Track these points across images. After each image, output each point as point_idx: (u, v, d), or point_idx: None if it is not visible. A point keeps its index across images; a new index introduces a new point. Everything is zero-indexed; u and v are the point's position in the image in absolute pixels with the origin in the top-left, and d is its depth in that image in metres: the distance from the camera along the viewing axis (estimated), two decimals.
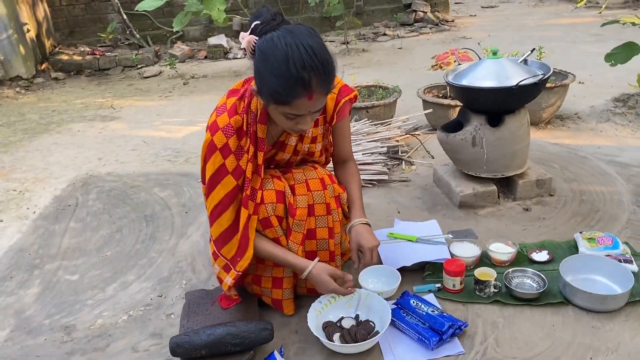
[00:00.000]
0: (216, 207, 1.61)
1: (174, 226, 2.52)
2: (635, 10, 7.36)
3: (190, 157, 3.38)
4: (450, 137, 2.40)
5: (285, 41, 1.37)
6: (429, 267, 2.00)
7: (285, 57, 1.36)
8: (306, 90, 1.40)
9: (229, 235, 1.63)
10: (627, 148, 3.00)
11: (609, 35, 5.89)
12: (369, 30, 7.10)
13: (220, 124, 1.55)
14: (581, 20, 7.03)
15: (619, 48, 3.11)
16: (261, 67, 1.42)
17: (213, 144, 1.56)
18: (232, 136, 1.55)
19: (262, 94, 1.46)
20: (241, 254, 1.63)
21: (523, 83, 2.14)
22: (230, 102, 1.59)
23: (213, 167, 1.58)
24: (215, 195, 1.60)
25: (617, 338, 1.64)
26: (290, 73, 1.37)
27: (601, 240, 2.02)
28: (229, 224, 1.62)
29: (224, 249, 1.64)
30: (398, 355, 1.63)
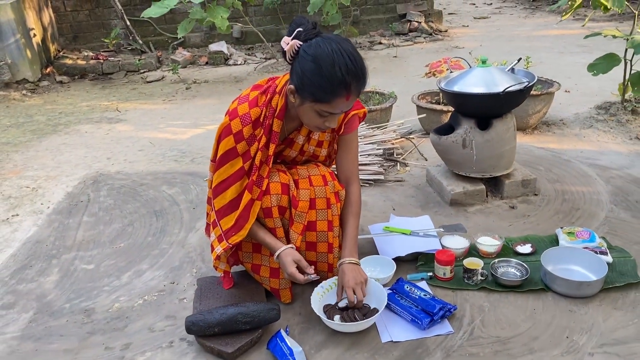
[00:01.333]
0: (222, 182, 1.78)
1: (182, 221, 2.68)
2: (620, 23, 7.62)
3: (195, 157, 3.54)
4: (443, 139, 2.58)
5: (331, 47, 1.57)
6: (421, 258, 2.17)
7: (332, 61, 1.55)
8: (346, 91, 1.60)
9: (229, 210, 1.79)
10: (608, 152, 3.19)
11: (594, 47, 6.13)
12: (365, 39, 7.30)
13: (240, 112, 1.73)
14: (568, 32, 7.25)
15: (601, 59, 3.33)
16: (307, 68, 1.59)
17: (229, 128, 1.74)
18: (247, 125, 1.73)
19: (303, 92, 1.63)
20: (236, 229, 1.78)
21: (509, 90, 2.33)
22: (253, 95, 1.77)
23: (225, 147, 1.75)
24: (223, 172, 1.78)
25: (591, 320, 1.81)
26: (336, 75, 1.56)
27: (579, 234, 2.21)
28: (231, 198, 1.78)
29: (223, 220, 1.80)
30: (393, 334, 1.79)
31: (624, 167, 2.97)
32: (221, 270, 1.97)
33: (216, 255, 1.83)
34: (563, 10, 8.41)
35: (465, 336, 1.77)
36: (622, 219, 2.44)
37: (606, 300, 1.90)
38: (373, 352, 1.73)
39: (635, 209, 2.52)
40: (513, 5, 10.22)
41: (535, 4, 10.04)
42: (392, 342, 1.76)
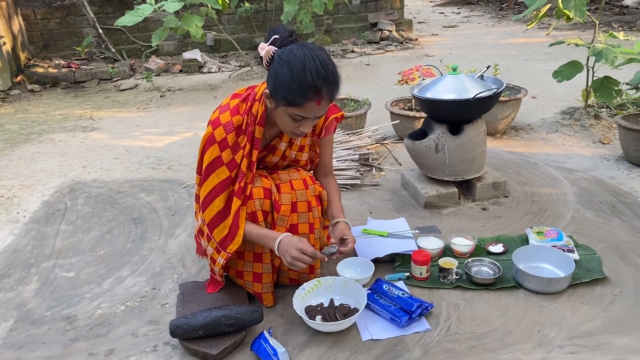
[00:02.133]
0: (209, 193, 1.81)
1: (162, 227, 2.70)
2: (582, 32, 7.89)
3: (172, 164, 3.56)
4: (416, 144, 2.66)
5: (303, 53, 1.63)
6: (398, 259, 2.24)
7: (303, 66, 1.62)
8: (317, 95, 1.65)
9: (219, 220, 1.82)
10: (573, 155, 3.33)
11: (559, 54, 6.35)
12: (338, 48, 7.41)
13: (223, 121, 1.77)
14: (534, 40, 7.49)
15: (564, 66, 3.47)
16: (280, 73, 1.65)
17: (213, 137, 1.77)
18: (231, 132, 1.77)
19: (276, 96, 1.68)
20: (231, 238, 1.82)
21: (479, 96, 2.43)
22: (233, 103, 1.82)
23: (210, 157, 1.79)
24: (209, 183, 1.81)
25: (560, 314, 1.90)
26: (307, 79, 1.62)
27: (548, 234, 2.31)
28: (218, 209, 1.82)
29: (215, 231, 1.84)
30: (373, 332, 1.85)
31: (589, 170, 3.11)
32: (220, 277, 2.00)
33: (220, 266, 1.88)
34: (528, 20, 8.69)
35: (442, 333, 1.85)
36: (588, 218, 2.56)
37: (574, 295, 2.00)
38: (354, 350, 1.78)
39: (599, 209, 2.64)
40: (480, 15, 10.49)
41: (501, 13, 10.33)
42: (372, 340, 1.82)
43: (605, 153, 3.35)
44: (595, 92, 3.39)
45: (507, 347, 1.76)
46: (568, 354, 1.72)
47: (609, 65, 3.14)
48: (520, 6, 10.56)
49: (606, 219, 2.55)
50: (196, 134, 4.19)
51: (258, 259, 1.95)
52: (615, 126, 3.67)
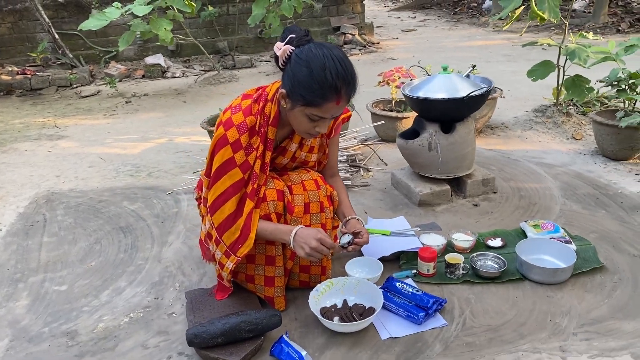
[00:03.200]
0: (220, 196, 1.76)
1: (153, 235, 2.61)
2: (536, 34, 8.22)
3: (152, 171, 3.45)
4: (409, 143, 2.69)
5: (322, 52, 1.61)
6: (403, 257, 2.25)
7: (323, 65, 1.59)
8: (336, 95, 1.63)
9: (230, 223, 1.77)
10: (550, 151, 3.45)
11: (517, 56, 6.59)
12: None
13: (235, 121, 1.72)
14: (492, 42, 7.75)
15: (538, 66, 3.60)
16: (298, 72, 1.62)
17: (225, 138, 1.72)
18: (244, 133, 1.73)
19: (294, 96, 1.65)
20: (242, 241, 1.77)
21: (473, 94, 2.48)
22: (245, 104, 1.77)
23: (221, 159, 1.73)
24: (221, 185, 1.75)
25: (569, 303, 1.96)
26: (327, 79, 1.59)
27: (544, 226, 2.38)
28: (230, 212, 1.76)
29: (225, 235, 1.78)
30: (392, 331, 1.85)
31: (567, 164, 3.23)
32: (228, 283, 1.95)
33: (229, 271, 1.83)
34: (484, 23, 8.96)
35: (459, 327, 1.86)
36: (575, 210, 2.65)
37: (577, 284, 2.07)
38: (375, 349, 1.77)
39: (584, 201, 2.74)
40: (436, 19, 10.76)
41: (456, 17, 10.63)
42: (391, 338, 1.82)
43: (579, 148, 3.48)
44: (567, 89, 3.53)
45: (524, 338, 1.79)
46: (583, 340, 1.77)
47: (582, 63, 3.28)
48: (474, 10, 10.90)
49: (592, 210, 2.65)
50: (171, 140, 4.09)
51: (270, 262, 1.91)
52: (585, 122, 3.83)
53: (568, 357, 1.70)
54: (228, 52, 7.22)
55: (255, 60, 7.13)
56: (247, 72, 6.62)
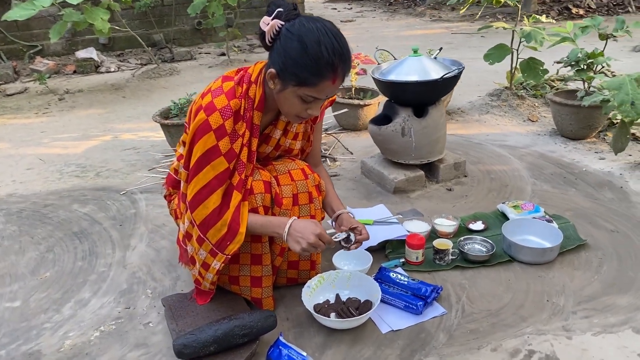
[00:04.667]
0: (203, 189, 1.57)
1: (112, 240, 2.38)
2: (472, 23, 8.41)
3: (100, 171, 3.18)
4: (382, 129, 2.60)
5: (315, 26, 1.46)
6: (389, 245, 2.16)
7: (318, 41, 1.44)
8: (333, 73, 1.49)
9: (215, 219, 1.59)
10: (510, 134, 3.49)
11: (458, 44, 6.71)
12: (243, 42, 7.19)
13: (218, 105, 1.55)
14: (432, 31, 7.85)
15: (493, 49, 3.62)
16: (291, 48, 1.46)
17: (207, 124, 1.54)
18: (229, 118, 1.55)
19: (286, 75, 1.50)
20: (231, 237, 1.60)
21: (447, 76, 2.42)
22: (227, 86, 1.60)
23: (204, 147, 1.55)
24: (203, 177, 1.57)
25: (561, 282, 1.94)
26: (323, 56, 1.45)
27: (524, 207, 2.36)
28: (214, 206, 1.59)
29: (210, 232, 1.61)
30: (391, 323, 1.75)
31: (529, 146, 3.26)
32: (206, 288, 1.78)
33: (215, 271, 1.66)
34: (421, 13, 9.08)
35: (459, 314, 1.80)
36: (546, 190, 2.67)
37: (564, 263, 2.06)
38: (377, 344, 1.67)
39: (553, 180, 2.77)
40: (372, 9, 10.80)
41: (392, 8, 10.72)
42: (392, 331, 1.72)
43: (537, 130, 3.54)
44: (523, 72, 3.57)
45: (526, 320, 1.75)
46: (583, 318, 1.75)
47: (537, 46, 3.32)
48: (409, 1, 11.03)
49: (563, 189, 2.67)
50: (116, 137, 3.80)
51: (257, 261, 1.76)
52: (538, 105, 3.90)
53: (573, 337, 1.67)
54: (165, 45, 6.88)
55: (195, 53, 6.84)
56: (187, 64, 6.33)
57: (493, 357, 1.60)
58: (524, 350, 1.62)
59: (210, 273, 1.69)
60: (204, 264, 1.69)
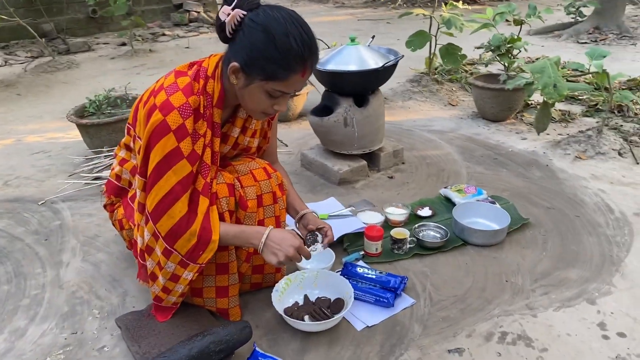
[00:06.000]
0: (166, 197, 1.43)
1: (40, 257, 2.13)
2: (375, 10, 8.59)
3: (8, 179, 2.84)
4: (325, 120, 2.55)
5: (281, 16, 1.36)
6: (346, 239, 2.13)
7: (286, 32, 1.35)
8: (302, 66, 1.40)
9: (182, 228, 1.46)
10: (435, 119, 3.59)
11: (367, 30, 6.80)
12: (144, 31, 6.78)
13: (176, 103, 1.40)
14: (338, 18, 7.91)
15: (414, 36, 3.69)
16: (257, 40, 1.35)
17: (165, 125, 1.39)
18: (189, 117, 1.42)
19: (251, 69, 1.39)
20: (203, 246, 1.48)
21: (388, 64, 2.42)
22: (183, 82, 1.45)
23: (162, 151, 1.41)
24: (164, 184, 1.43)
25: (514, 261, 2.02)
26: (292, 48, 1.36)
27: (467, 190, 2.43)
28: (181, 215, 1.45)
29: (178, 243, 1.47)
30: (364, 319, 1.72)
31: (455, 130, 3.37)
32: (170, 303, 1.63)
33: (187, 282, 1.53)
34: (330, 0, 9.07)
35: (427, 303, 1.81)
36: (480, 172, 2.77)
37: (513, 243, 2.14)
38: (356, 343, 1.63)
39: (484, 162, 2.88)
40: None
41: None
42: (367, 327, 1.69)
43: (459, 113, 3.67)
44: (442, 58, 3.68)
45: (491, 303, 1.80)
46: (542, 295, 1.83)
47: (456, 31, 3.43)
48: None
49: (495, 170, 2.79)
50: (20, 140, 3.42)
51: (223, 270, 1.64)
52: (455, 89, 4.05)
53: (538, 314, 1.74)
54: (57, 35, 6.30)
55: (92, 43, 6.34)
56: (85, 56, 5.85)
57: (470, 343, 1.62)
58: (496, 332, 1.66)
59: (181, 284, 1.55)
60: (173, 276, 1.54)
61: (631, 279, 1.91)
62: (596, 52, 2.76)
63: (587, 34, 5.95)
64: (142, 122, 1.47)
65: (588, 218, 2.31)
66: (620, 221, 2.27)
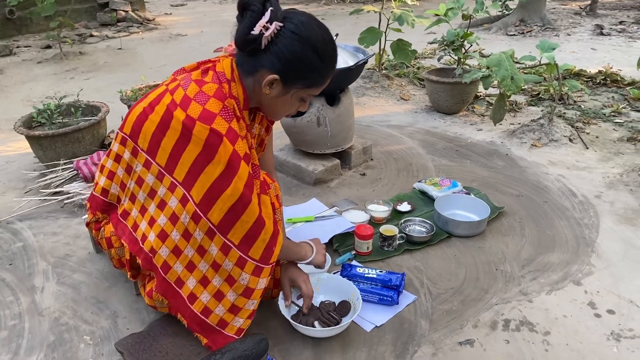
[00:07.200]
0: (237, 204, 1.36)
1: (7, 283, 1.96)
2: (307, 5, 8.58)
3: None
4: (298, 121, 2.53)
5: (314, 24, 1.37)
6: (336, 239, 2.13)
7: (323, 40, 1.37)
8: (334, 70, 1.46)
9: (255, 233, 1.40)
10: (392, 114, 3.65)
11: None
12: (70, 33, 6.38)
13: (214, 109, 1.34)
14: None
15: (366, 32, 3.73)
16: (301, 52, 1.33)
17: (216, 134, 1.31)
18: (232, 119, 1.36)
19: (292, 79, 1.37)
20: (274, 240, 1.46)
21: (360, 63, 2.42)
22: (210, 88, 1.37)
23: (223, 160, 1.32)
24: (232, 192, 1.35)
25: (499, 250, 2.10)
26: (330, 55, 1.40)
27: (442, 183, 2.49)
28: (255, 217, 1.39)
29: (252, 250, 1.42)
30: (372, 319, 1.73)
31: (413, 124, 3.45)
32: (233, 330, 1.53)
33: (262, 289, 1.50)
34: None
35: (428, 297, 1.84)
36: (446, 164, 2.85)
37: (493, 231, 2.22)
38: (369, 344, 1.64)
39: (448, 155, 2.97)
40: None
41: None
42: (376, 327, 1.70)
43: (412, 108, 3.75)
44: (394, 54, 3.74)
45: (488, 292, 1.86)
46: (532, 281, 1.91)
47: (409, 27, 3.50)
48: None
49: (460, 162, 2.88)
50: None
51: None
52: (405, 84, 4.13)
53: (533, 299, 1.82)
54: None
55: (12, 47, 5.89)
56: (7, 61, 5.43)
57: (478, 333, 1.67)
58: (500, 320, 1.72)
59: (254, 299, 1.49)
60: (247, 290, 1.47)
61: (606, 258, 2.04)
62: (546, 45, 2.91)
63: (514, 26, 6.27)
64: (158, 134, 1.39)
65: (555, 203, 2.43)
66: (584, 204, 2.42)
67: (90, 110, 2.87)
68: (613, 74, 4.07)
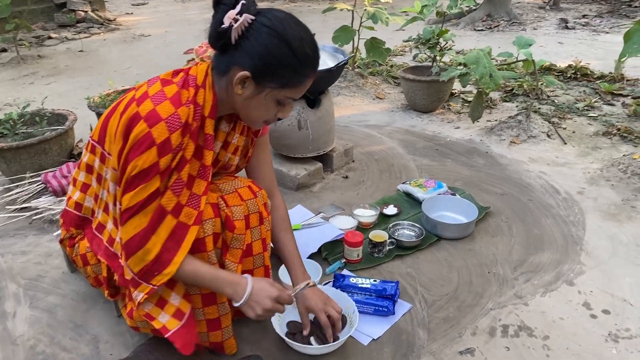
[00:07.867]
0: (128, 210, 1.28)
1: None
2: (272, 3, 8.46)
3: None
4: (278, 124, 2.45)
5: (292, 21, 1.27)
6: (324, 248, 2.06)
7: (300, 37, 1.26)
8: (313, 71, 1.33)
9: (139, 244, 1.30)
10: (368, 113, 3.60)
11: None
12: (27, 35, 6.10)
13: (163, 114, 1.25)
14: None
15: (339, 31, 3.67)
16: (273, 47, 1.24)
17: (150, 138, 1.23)
18: (176, 130, 1.26)
19: (265, 77, 1.27)
20: (161, 266, 1.32)
21: (341, 64, 2.36)
22: (171, 90, 1.29)
23: (142, 164, 1.25)
24: (134, 197, 1.27)
25: (490, 251, 2.07)
26: (308, 53, 1.28)
27: (427, 184, 2.46)
28: (136, 230, 1.29)
29: (132, 259, 1.31)
30: (368, 332, 1.67)
31: (390, 123, 3.41)
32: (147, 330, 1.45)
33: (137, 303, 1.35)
34: None
35: (423, 305, 1.79)
36: (427, 164, 2.82)
37: (482, 232, 2.20)
38: (368, 358, 1.58)
39: (428, 154, 2.94)
40: None
41: None
42: (373, 340, 1.65)
43: (388, 106, 3.71)
44: (368, 52, 3.69)
45: (483, 297, 1.83)
46: (526, 283, 1.89)
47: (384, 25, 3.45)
48: None
49: (441, 161, 2.85)
50: None
51: (210, 301, 1.49)
52: (378, 82, 4.09)
53: (529, 302, 1.79)
54: None
55: None
56: None
57: (477, 341, 1.63)
58: (498, 326, 1.69)
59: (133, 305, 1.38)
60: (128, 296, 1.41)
61: (595, 256, 2.03)
62: (522, 41, 2.90)
63: (481, 21, 6.32)
64: (119, 134, 1.29)
65: (539, 201, 2.43)
66: (568, 201, 2.42)
67: (56, 119, 2.72)
68: (583, 68, 4.13)
